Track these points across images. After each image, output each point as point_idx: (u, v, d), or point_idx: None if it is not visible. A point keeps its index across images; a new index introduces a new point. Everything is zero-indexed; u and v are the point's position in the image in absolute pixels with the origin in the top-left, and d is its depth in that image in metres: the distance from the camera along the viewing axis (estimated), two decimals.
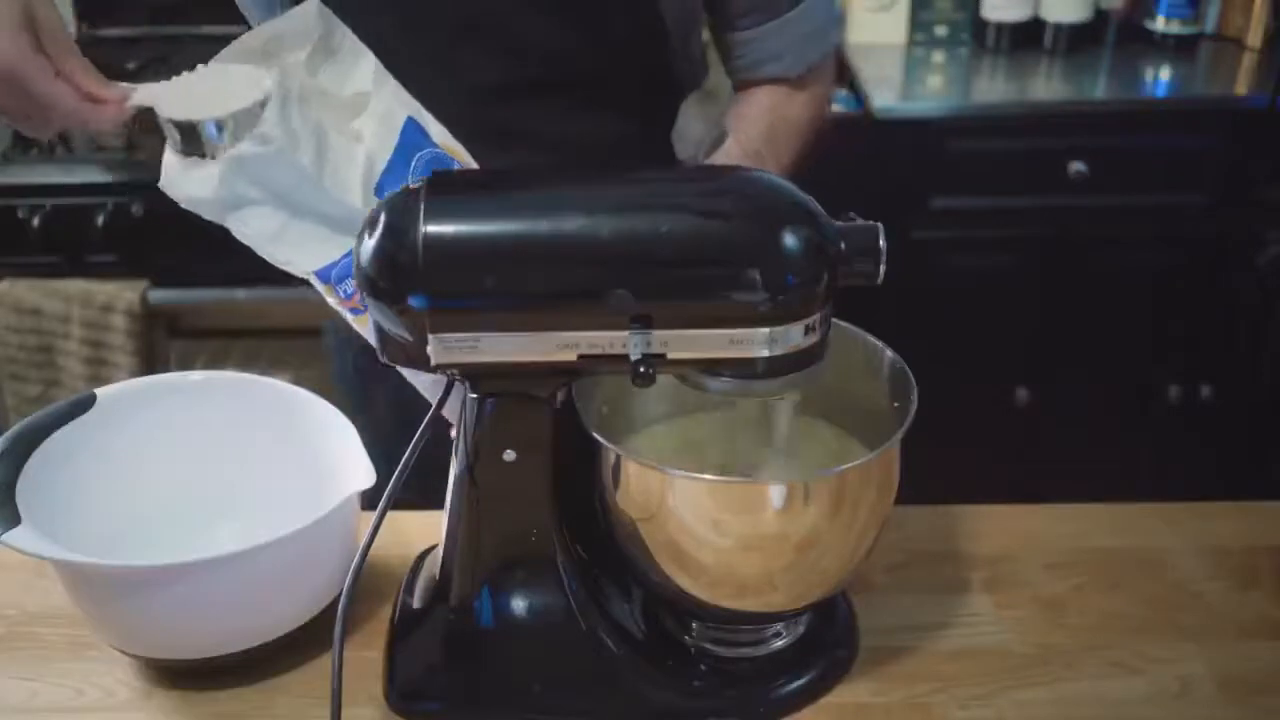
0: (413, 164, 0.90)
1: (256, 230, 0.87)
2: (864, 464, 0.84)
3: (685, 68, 1.22)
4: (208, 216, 0.87)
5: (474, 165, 0.95)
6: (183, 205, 0.86)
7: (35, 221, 2.02)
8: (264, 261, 0.90)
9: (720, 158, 1.16)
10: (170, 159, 0.86)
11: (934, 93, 2.28)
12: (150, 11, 2.44)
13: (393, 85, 0.91)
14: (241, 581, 0.88)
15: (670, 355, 0.79)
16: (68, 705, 0.93)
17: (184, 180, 0.85)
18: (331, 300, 0.91)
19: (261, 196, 0.85)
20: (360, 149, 0.88)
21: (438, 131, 0.93)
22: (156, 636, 0.91)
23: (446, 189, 0.80)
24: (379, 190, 0.88)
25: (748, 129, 1.18)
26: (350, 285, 0.87)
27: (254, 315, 2.11)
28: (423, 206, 0.78)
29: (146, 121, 0.88)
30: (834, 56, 1.26)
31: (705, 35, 1.27)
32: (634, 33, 1.15)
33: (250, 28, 0.95)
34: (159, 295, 2.04)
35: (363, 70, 0.90)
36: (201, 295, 2.06)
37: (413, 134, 0.91)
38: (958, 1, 2.37)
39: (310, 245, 0.88)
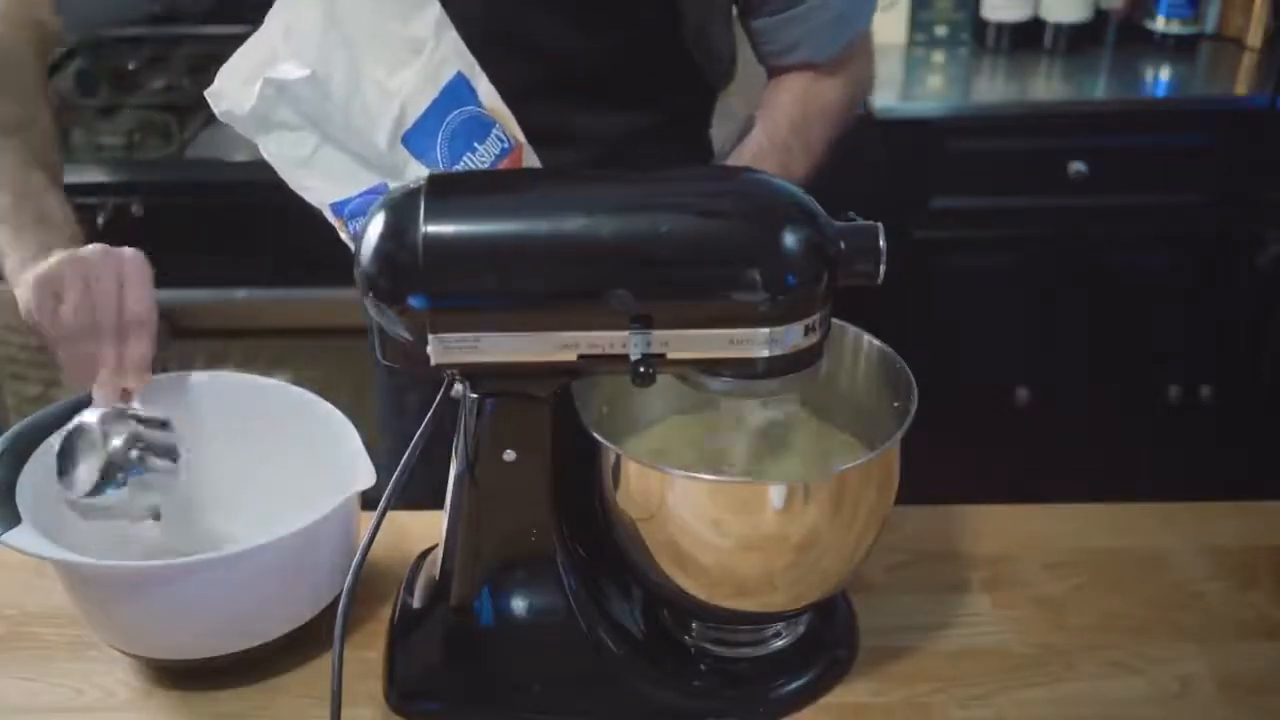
0: (448, 120, 0.90)
1: (284, 153, 0.88)
2: (864, 464, 0.84)
3: (709, 63, 1.21)
4: (241, 131, 0.88)
5: (519, 134, 0.94)
6: (220, 117, 0.88)
7: None
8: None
9: (749, 148, 1.14)
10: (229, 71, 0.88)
11: (934, 93, 2.28)
12: (150, 11, 2.44)
13: (452, 37, 0.91)
14: (241, 581, 0.88)
15: (670, 355, 0.79)
16: (68, 705, 0.93)
17: (224, 93, 0.87)
18: (343, 234, 0.91)
19: (294, 120, 0.87)
20: (397, 94, 0.88)
21: (487, 91, 0.92)
22: (156, 636, 0.91)
23: (446, 189, 0.80)
24: (406, 139, 0.88)
25: (777, 119, 1.17)
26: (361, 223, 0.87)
27: (253, 315, 2.11)
28: (423, 206, 0.78)
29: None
30: (869, 37, 1.23)
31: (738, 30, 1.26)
32: (651, 28, 1.14)
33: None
34: (159, 295, 2.04)
35: (425, 17, 0.90)
36: (201, 295, 2.06)
37: (458, 90, 0.90)
38: (958, 1, 2.37)
39: (332, 176, 0.89)
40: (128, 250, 0.94)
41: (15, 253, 0.96)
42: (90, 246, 0.93)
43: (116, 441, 0.91)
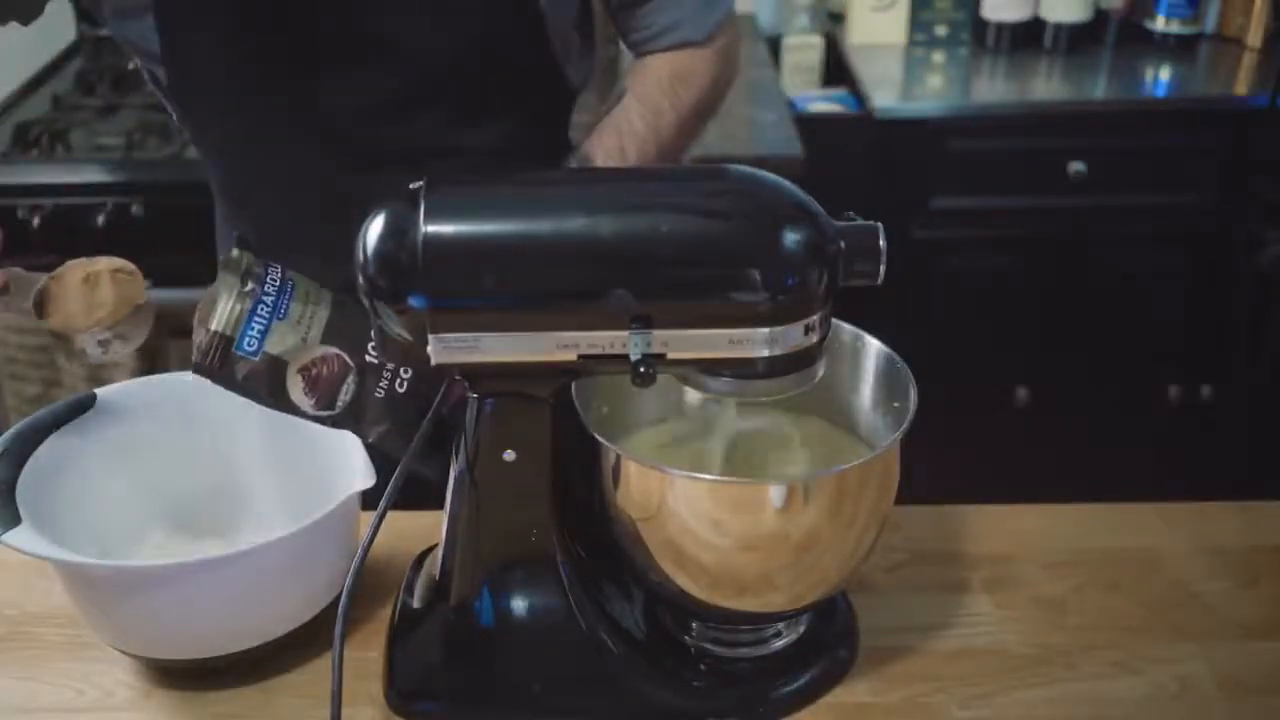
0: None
1: None
2: (864, 464, 0.84)
3: (571, 62, 1.20)
4: None
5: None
6: None
7: (35, 221, 2.02)
8: None
9: (618, 114, 1.14)
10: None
11: (934, 93, 2.28)
12: None
13: None
14: (241, 581, 0.88)
15: (670, 355, 0.79)
16: (67, 705, 0.93)
17: None
18: None
19: None
20: None
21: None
22: (156, 636, 0.91)
23: (446, 189, 0.80)
24: None
25: (646, 82, 1.18)
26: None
27: None
28: (423, 206, 0.78)
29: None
30: (733, 15, 1.25)
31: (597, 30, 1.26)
32: (511, 25, 1.13)
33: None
34: (159, 295, 2.03)
35: None
36: (201, 295, 2.06)
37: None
38: (958, 1, 2.37)
39: None
40: None
41: None
42: None
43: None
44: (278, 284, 0.87)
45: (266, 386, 0.87)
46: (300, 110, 1.12)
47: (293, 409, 0.89)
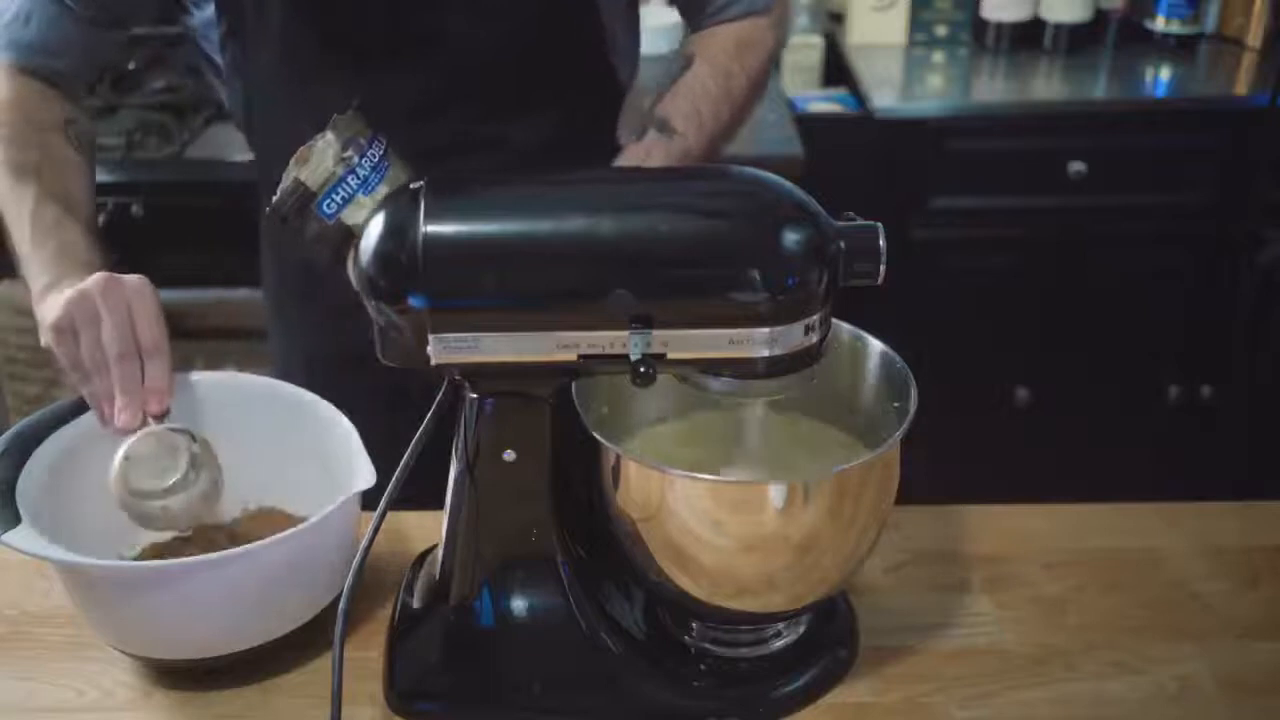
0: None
1: None
2: (864, 464, 0.84)
3: (618, 54, 1.21)
4: None
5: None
6: None
7: None
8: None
9: (689, 79, 1.14)
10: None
11: (934, 93, 2.28)
12: None
13: None
14: (241, 581, 0.88)
15: (670, 355, 0.79)
16: (67, 705, 0.92)
17: None
18: None
19: None
20: None
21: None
22: (156, 636, 0.91)
23: (446, 189, 0.80)
24: None
25: (714, 50, 1.17)
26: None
27: (254, 315, 2.11)
28: (423, 206, 0.78)
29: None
30: None
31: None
32: (564, 18, 1.14)
33: None
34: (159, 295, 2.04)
35: None
36: (201, 295, 2.06)
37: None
38: (958, 1, 2.37)
39: None
40: (132, 279, 0.96)
41: (36, 281, 1.02)
42: (94, 280, 0.95)
43: (185, 451, 0.94)
44: (375, 161, 0.85)
45: (332, 251, 0.85)
46: (353, 101, 1.12)
47: (348, 280, 0.88)
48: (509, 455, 0.85)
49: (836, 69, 2.39)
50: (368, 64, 1.11)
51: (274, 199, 0.84)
